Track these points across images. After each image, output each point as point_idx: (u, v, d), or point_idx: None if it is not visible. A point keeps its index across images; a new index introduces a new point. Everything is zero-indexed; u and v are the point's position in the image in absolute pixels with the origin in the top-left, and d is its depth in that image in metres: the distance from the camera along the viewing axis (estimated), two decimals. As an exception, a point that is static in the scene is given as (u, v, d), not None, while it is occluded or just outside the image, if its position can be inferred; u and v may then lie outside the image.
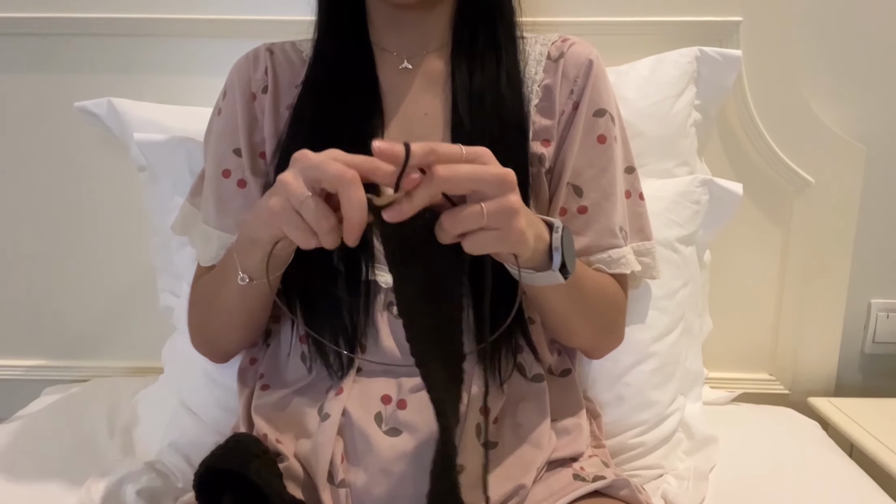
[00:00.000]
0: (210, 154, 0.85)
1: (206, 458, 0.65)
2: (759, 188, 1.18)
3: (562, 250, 0.63)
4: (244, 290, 0.72)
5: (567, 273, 0.65)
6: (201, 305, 0.83)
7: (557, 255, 0.63)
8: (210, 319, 0.82)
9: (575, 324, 0.79)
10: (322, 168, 0.52)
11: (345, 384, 0.74)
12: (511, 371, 0.77)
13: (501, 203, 0.54)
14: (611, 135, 0.81)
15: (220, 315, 0.79)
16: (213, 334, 0.84)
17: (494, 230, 0.55)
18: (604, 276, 0.79)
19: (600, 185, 0.79)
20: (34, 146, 1.23)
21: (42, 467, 0.92)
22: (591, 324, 0.80)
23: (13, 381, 1.31)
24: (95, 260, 1.26)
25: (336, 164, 0.52)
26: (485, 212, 0.53)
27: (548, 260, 0.64)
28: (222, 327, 0.81)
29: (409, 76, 0.80)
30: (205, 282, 0.83)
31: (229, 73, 0.86)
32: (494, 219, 0.54)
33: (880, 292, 1.25)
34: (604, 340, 0.85)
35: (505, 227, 0.55)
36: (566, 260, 0.64)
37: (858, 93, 1.17)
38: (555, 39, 0.83)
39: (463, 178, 0.53)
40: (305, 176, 0.53)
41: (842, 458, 0.99)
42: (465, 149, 0.54)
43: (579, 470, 0.74)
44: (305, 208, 0.53)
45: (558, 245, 0.63)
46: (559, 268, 0.64)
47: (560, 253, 0.63)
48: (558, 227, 0.64)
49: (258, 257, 0.66)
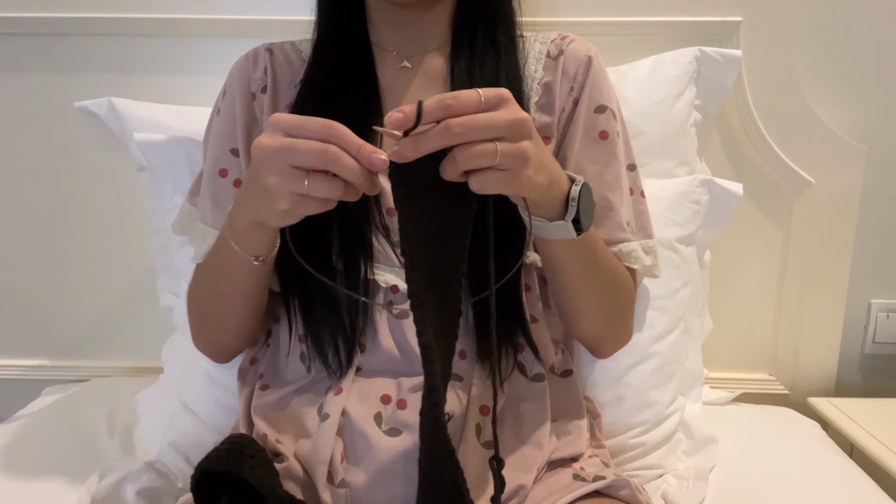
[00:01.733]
0: (208, 153, 0.85)
1: (202, 461, 0.65)
2: (759, 188, 1.18)
3: (578, 203, 0.64)
4: (250, 274, 0.72)
5: (580, 228, 0.65)
6: (201, 304, 0.83)
7: (573, 207, 0.64)
8: (212, 316, 0.81)
9: (586, 298, 0.78)
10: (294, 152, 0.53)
11: (344, 384, 0.74)
12: (511, 370, 0.77)
13: (516, 146, 0.55)
14: (613, 130, 0.81)
15: (223, 308, 0.79)
16: (215, 332, 0.83)
17: (503, 171, 0.55)
18: (619, 262, 0.79)
19: (605, 181, 0.79)
20: (34, 146, 1.23)
21: (42, 467, 0.92)
22: (604, 305, 0.79)
23: (13, 381, 1.31)
24: (95, 260, 1.26)
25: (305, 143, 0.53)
26: (498, 152, 0.54)
27: (563, 211, 0.64)
28: (225, 321, 0.80)
29: (409, 75, 0.80)
30: (201, 279, 0.82)
31: (229, 73, 0.86)
32: (506, 159, 0.54)
33: (880, 292, 1.25)
34: (613, 331, 0.84)
35: (514, 170, 0.55)
36: (581, 215, 0.64)
37: (858, 93, 1.17)
38: (554, 37, 0.83)
39: (478, 128, 0.53)
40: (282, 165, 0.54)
41: (842, 458, 0.99)
42: (483, 95, 0.54)
43: (579, 470, 0.74)
44: (313, 188, 0.54)
45: (575, 196, 0.64)
46: (573, 220, 0.64)
47: (576, 205, 0.64)
48: (579, 180, 0.65)
49: (268, 236, 0.66)
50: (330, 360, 0.76)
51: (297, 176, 0.54)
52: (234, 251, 0.68)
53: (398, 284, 0.75)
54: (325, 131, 0.53)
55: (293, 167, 0.54)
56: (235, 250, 0.67)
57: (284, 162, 0.54)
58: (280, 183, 0.55)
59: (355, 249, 0.74)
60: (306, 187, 0.54)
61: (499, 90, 0.55)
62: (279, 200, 0.56)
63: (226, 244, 0.69)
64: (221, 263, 0.75)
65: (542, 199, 0.63)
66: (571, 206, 0.64)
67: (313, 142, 0.53)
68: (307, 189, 0.54)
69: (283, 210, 0.56)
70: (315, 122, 0.54)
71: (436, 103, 0.52)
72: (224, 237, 0.70)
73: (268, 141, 0.55)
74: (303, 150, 0.53)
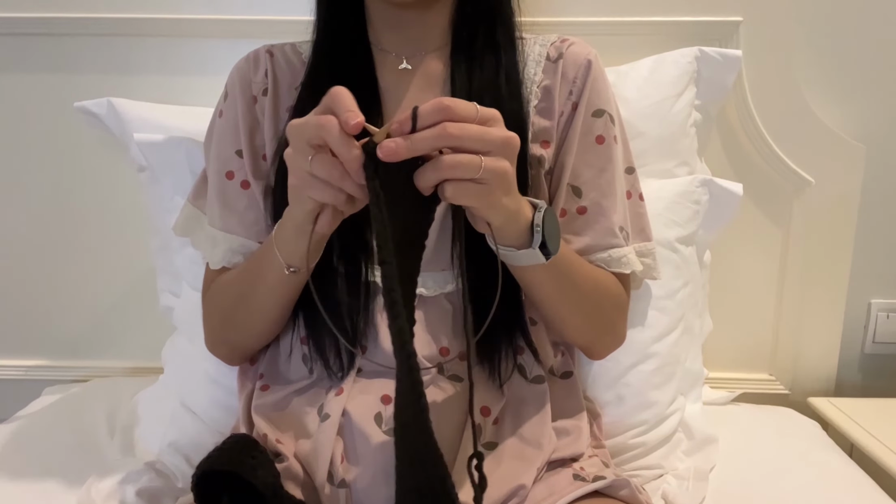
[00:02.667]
0: (213, 156, 0.85)
1: (203, 460, 0.65)
2: (759, 188, 1.18)
3: (542, 229, 0.64)
4: (284, 283, 0.72)
5: (548, 253, 0.65)
6: (225, 308, 0.81)
7: (538, 234, 0.64)
8: (239, 320, 0.80)
9: (566, 314, 0.78)
10: (305, 127, 0.54)
11: (345, 384, 0.74)
12: (511, 372, 0.77)
13: (500, 164, 0.56)
14: (610, 135, 0.81)
15: (254, 313, 0.78)
16: (240, 336, 0.82)
17: (481, 185, 0.56)
18: (602, 272, 0.79)
19: (599, 186, 0.79)
20: (34, 146, 1.23)
21: (42, 467, 0.92)
22: (585, 317, 0.79)
23: (13, 381, 1.31)
24: (95, 260, 1.26)
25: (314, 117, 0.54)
26: (483, 166, 0.55)
27: (529, 238, 0.65)
28: (254, 325, 0.79)
29: (408, 77, 0.80)
30: (228, 284, 0.81)
31: (230, 76, 0.85)
32: (487, 174, 0.55)
33: (880, 292, 1.25)
34: (602, 339, 0.84)
35: (490, 186, 0.56)
36: (547, 239, 0.65)
37: (858, 93, 1.17)
38: (553, 40, 0.83)
39: (472, 138, 0.54)
40: (299, 140, 0.55)
41: (842, 458, 0.99)
42: (479, 109, 0.55)
43: (579, 470, 0.74)
44: (315, 166, 0.54)
45: (539, 223, 0.64)
46: (539, 246, 0.65)
47: (541, 231, 0.64)
48: (541, 206, 0.65)
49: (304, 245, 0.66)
50: (331, 362, 0.76)
51: (306, 152, 0.54)
52: (273, 259, 0.68)
53: (397, 286, 0.75)
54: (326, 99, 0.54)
55: (307, 144, 0.54)
56: (276, 256, 0.68)
57: (300, 137, 0.55)
58: (293, 157, 0.56)
59: (356, 252, 0.74)
60: (309, 163, 0.54)
61: (493, 110, 0.56)
62: (292, 175, 0.57)
63: (268, 251, 0.69)
64: (258, 271, 0.74)
65: (507, 226, 0.63)
66: (536, 231, 0.64)
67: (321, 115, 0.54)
68: (311, 167, 0.54)
69: (294, 186, 0.57)
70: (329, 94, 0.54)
71: (433, 105, 0.53)
72: (269, 244, 0.70)
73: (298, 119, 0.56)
74: (309, 123, 0.54)
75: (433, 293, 0.76)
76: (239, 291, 0.79)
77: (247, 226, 0.81)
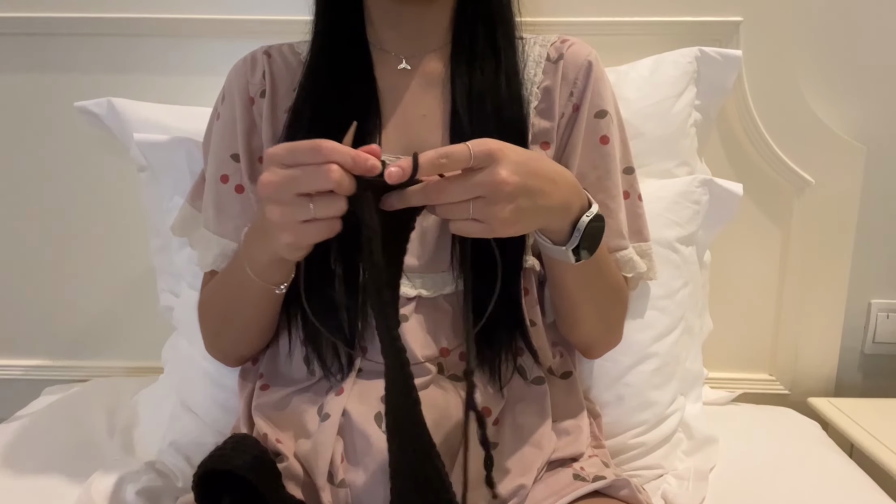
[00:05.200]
0: (209, 159, 0.85)
1: (204, 460, 0.65)
2: (759, 188, 1.18)
3: (582, 235, 0.65)
4: (269, 299, 0.74)
5: (579, 257, 0.66)
6: (216, 318, 0.82)
7: (576, 237, 0.65)
8: (227, 332, 0.82)
9: (584, 310, 0.79)
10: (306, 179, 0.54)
11: (345, 385, 0.74)
12: (511, 374, 0.77)
13: (490, 208, 0.57)
14: (613, 135, 0.81)
15: (239, 326, 0.79)
16: (229, 344, 0.83)
17: (480, 223, 0.57)
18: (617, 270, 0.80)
19: (605, 187, 0.79)
20: (34, 146, 1.23)
21: (42, 467, 0.92)
22: (601, 314, 0.81)
23: (13, 381, 1.31)
24: (95, 260, 1.26)
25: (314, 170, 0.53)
26: (471, 211, 0.56)
27: (569, 235, 0.66)
28: (242, 336, 0.81)
29: (408, 77, 0.80)
30: (214, 297, 0.82)
31: (227, 77, 0.85)
32: (479, 214, 0.57)
33: (880, 292, 1.25)
34: (605, 337, 0.85)
35: (489, 223, 0.57)
36: (583, 244, 0.66)
37: (858, 93, 1.17)
38: (553, 40, 0.83)
39: (455, 193, 0.56)
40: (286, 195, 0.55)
41: (842, 458, 0.99)
42: (472, 153, 0.55)
43: (579, 470, 0.74)
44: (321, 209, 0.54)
45: (581, 228, 0.65)
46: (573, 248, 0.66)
47: (579, 237, 0.65)
48: (591, 212, 0.66)
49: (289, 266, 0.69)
50: (330, 363, 0.76)
51: (302, 203, 0.54)
52: (252, 281, 0.70)
53: (398, 288, 0.75)
54: (316, 152, 0.53)
55: (298, 195, 0.54)
56: (255, 280, 0.69)
57: (290, 192, 0.54)
58: (285, 212, 0.55)
59: (353, 253, 0.74)
60: (312, 211, 0.54)
61: (489, 147, 0.56)
62: (283, 233, 0.56)
63: (243, 274, 0.70)
64: (237, 290, 0.75)
65: (545, 225, 0.64)
66: (575, 235, 0.65)
67: (314, 166, 0.53)
68: (314, 213, 0.54)
69: (287, 244, 0.58)
70: (304, 146, 0.54)
71: (430, 161, 0.54)
72: (240, 267, 0.71)
73: (270, 177, 0.55)
74: (305, 176, 0.54)
75: (433, 294, 0.76)
76: (223, 309, 0.80)
77: (239, 230, 0.81)
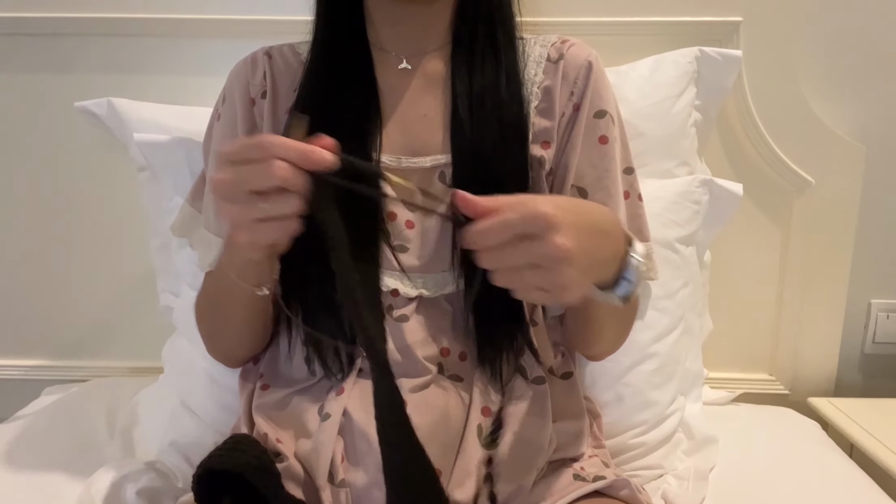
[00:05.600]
0: (210, 159, 0.85)
1: (204, 460, 0.65)
2: (759, 188, 1.18)
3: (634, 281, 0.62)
4: (255, 300, 0.74)
5: (627, 300, 0.64)
6: (209, 320, 0.83)
7: (627, 285, 0.62)
8: (221, 334, 0.82)
9: (606, 334, 0.81)
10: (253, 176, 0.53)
11: (345, 385, 0.74)
12: (512, 373, 0.77)
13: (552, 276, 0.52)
14: (612, 135, 0.80)
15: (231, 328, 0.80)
16: (225, 346, 0.84)
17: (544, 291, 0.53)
18: None
19: (604, 186, 0.79)
20: (34, 146, 1.23)
21: (42, 467, 0.92)
22: (618, 333, 0.83)
23: (13, 381, 1.31)
24: (95, 260, 1.26)
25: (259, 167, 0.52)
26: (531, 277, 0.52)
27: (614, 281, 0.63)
28: (236, 339, 0.82)
29: (408, 77, 0.80)
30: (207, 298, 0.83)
31: (228, 78, 0.85)
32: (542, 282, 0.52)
33: (880, 292, 1.25)
34: (616, 347, 0.87)
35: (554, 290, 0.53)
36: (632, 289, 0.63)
37: (858, 93, 1.17)
38: (554, 41, 0.83)
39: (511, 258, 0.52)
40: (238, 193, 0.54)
41: (842, 458, 0.99)
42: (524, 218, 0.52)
43: (579, 470, 0.74)
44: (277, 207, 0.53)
45: (632, 277, 0.62)
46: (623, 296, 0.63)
47: (631, 284, 0.62)
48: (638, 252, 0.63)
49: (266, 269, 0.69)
50: (330, 363, 0.76)
51: (253, 201, 0.53)
52: (234, 282, 0.70)
53: (398, 288, 0.75)
54: (260, 148, 0.53)
55: (250, 193, 0.53)
56: (237, 283, 0.69)
57: (241, 190, 0.54)
58: (239, 211, 0.54)
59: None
60: (265, 209, 0.53)
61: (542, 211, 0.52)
62: (238, 232, 0.56)
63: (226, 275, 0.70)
64: (226, 290, 0.76)
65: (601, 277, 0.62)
66: (626, 280, 0.62)
67: (260, 163, 0.52)
68: (266, 211, 0.53)
69: (244, 242, 0.57)
70: (250, 143, 0.53)
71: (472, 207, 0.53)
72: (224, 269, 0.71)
73: (220, 175, 0.54)
74: (252, 173, 0.53)
75: (433, 294, 0.76)
76: (214, 312, 0.81)
77: None
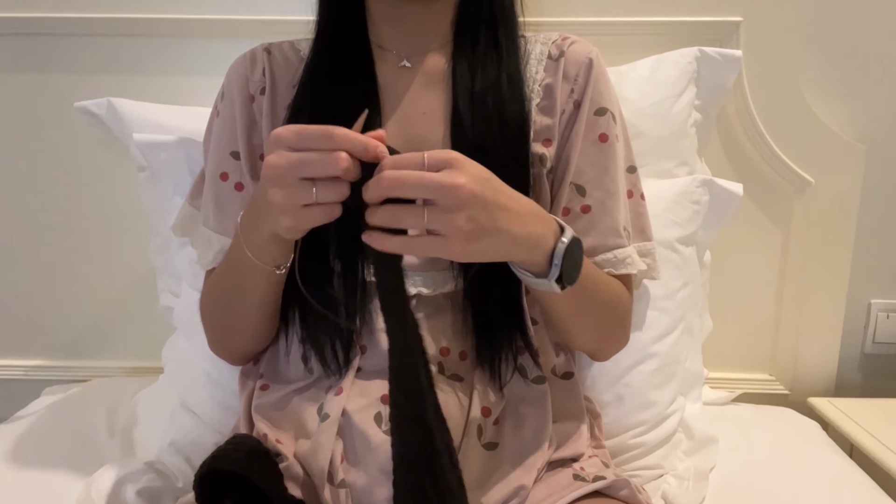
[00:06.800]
0: (209, 157, 0.85)
1: (206, 460, 0.65)
2: (759, 188, 1.18)
3: (561, 265, 0.63)
4: (269, 283, 0.73)
5: (564, 285, 0.65)
6: (218, 309, 0.82)
7: (556, 267, 0.64)
8: (230, 326, 0.81)
9: (575, 328, 0.79)
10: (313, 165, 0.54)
11: (344, 384, 0.74)
12: (512, 373, 0.77)
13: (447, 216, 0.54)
14: (612, 133, 0.80)
15: (242, 318, 0.79)
16: (233, 340, 0.83)
17: (436, 237, 0.55)
18: (612, 281, 0.79)
19: (603, 184, 0.79)
20: (34, 146, 1.23)
21: (42, 467, 0.92)
22: (593, 330, 0.81)
23: (13, 381, 1.31)
24: (95, 260, 1.26)
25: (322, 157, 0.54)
26: (425, 216, 0.54)
27: (547, 269, 0.64)
28: (244, 330, 0.80)
29: (409, 74, 0.80)
30: (216, 291, 0.81)
31: (227, 75, 0.85)
32: (436, 223, 0.54)
33: (880, 292, 1.25)
34: (606, 345, 0.85)
35: (448, 235, 0.55)
36: (565, 273, 0.64)
37: (858, 93, 1.17)
38: (555, 38, 0.83)
39: (409, 185, 0.54)
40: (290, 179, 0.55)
41: (842, 458, 0.99)
42: (427, 158, 0.55)
43: (579, 470, 0.74)
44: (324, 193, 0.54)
45: (558, 261, 0.63)
46: (555, 279, 0.64)
47: (559, 267, 0.63)
48: (566, 237, 0.64)
49: (288, 246, 0.68)
50: (329, 362, 0.76)
51: (305, 187, 0.55)
52: (252, 264, 0.69)
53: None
54: (327, 138, 0.54)
55: (302, 179, 0.55)
56: (255, 263, 0.69)
57: (295, 176, 0.55)
58: (288, 195, 0.55)
59: (353, 251, 0.74)
60: (315, 195, 0.54)
61: (449, 155, 0.55)
62: (284, 216, 0.57)
63: (242, 257, 0.69)
64: (238, 276, 0.75)
65: (520, 257, 0.63)
66: (555, 265, 0.64)
67: (323, 152, 0.54)
68: (316, 197, 0.54)
69: (287, 227, 0.58)
70: (315, 131, 0.55)
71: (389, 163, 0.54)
72: (239, 251, 0.70)
73: (276, 159, 0.55)
74: (314, 161, 0.54)
75: (432, 293, 0.76)
76: (225, 300, 0.79)
77: None
